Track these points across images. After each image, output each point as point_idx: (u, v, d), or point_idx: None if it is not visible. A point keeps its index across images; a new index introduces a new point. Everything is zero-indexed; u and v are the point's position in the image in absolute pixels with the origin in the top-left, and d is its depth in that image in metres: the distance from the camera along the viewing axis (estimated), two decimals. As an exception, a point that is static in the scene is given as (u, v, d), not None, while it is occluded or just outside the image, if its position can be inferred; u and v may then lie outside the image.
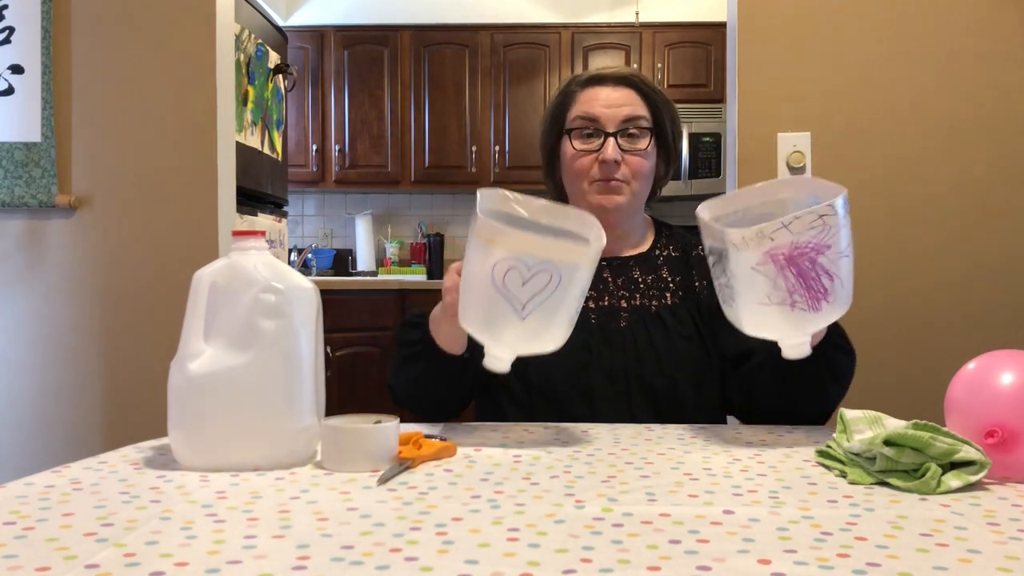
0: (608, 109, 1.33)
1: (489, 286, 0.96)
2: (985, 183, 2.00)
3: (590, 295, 1.33)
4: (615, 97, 1.34)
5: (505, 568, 0.59)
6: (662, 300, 1.34)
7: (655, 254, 1.40)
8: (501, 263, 0.95)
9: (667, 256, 1.40)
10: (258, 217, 2.70)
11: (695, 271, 1.38)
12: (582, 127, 1.33)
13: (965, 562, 0.61)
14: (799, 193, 1.08)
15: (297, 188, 4.43)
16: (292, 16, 4.57)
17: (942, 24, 2.00)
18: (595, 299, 1.33)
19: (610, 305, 1.33)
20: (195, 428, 0.90)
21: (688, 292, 1.35)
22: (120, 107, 2.09)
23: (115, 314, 2.10)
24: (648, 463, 0.93)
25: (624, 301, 1.34)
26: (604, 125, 1.32)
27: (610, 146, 1.31)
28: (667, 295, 1.35)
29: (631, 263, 1.38)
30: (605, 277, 1.36)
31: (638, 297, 1.34)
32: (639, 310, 1.32)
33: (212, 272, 0.92)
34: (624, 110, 1.33)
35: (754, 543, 0.65)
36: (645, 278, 1.36)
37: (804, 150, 2.01)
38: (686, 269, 1.38)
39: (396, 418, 0.93)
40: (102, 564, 0.60)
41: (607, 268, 1.36)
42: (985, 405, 0.86)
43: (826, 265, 0.97)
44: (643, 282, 1.36)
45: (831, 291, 0.97)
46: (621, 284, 1.35)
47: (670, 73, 4.37)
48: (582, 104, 1.35)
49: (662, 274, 1.37)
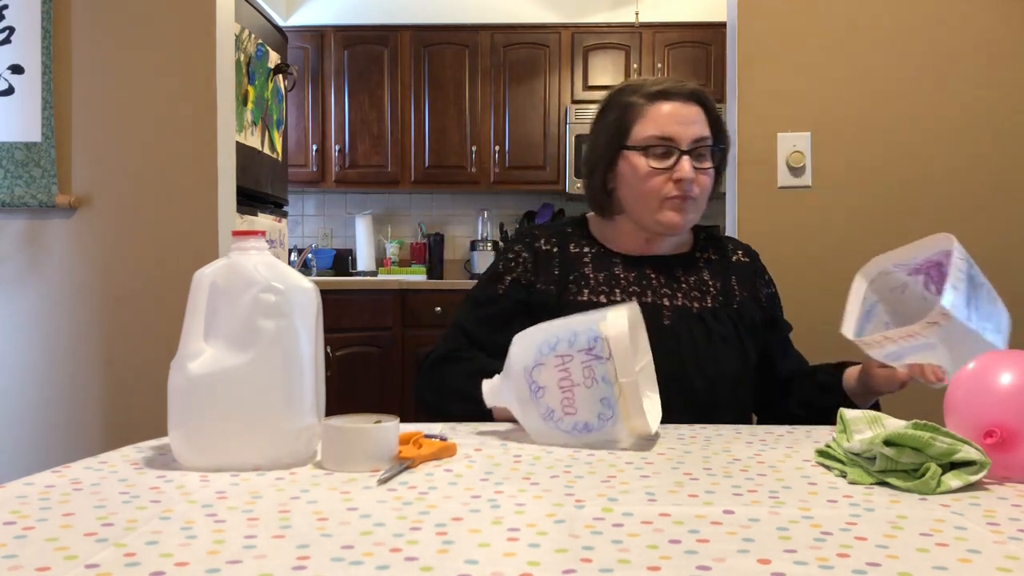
0: (681, 127, 1.32)
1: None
2: (985, 183, 2.00)
3: (633, 290, 1.35)
4: (685, 114, 1.34)
5: (505, 568, 0.59)
6: (703, 303, 1.35)
7: (696, 256, 1.41)
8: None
9: (707, 259, 1.41)
10: (258, 217, 2.70)
11: (735, 278, 1.40)
12: (655, 145, 1.32)
13: (965, 562, 0.61)
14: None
15: (297, 188, 4.43)
16: (292, 16, 4.57)
17: (942, 24, 2.00)
18: (639, 295, 1.34)
19: (654, 302, 1.34)
20: (195, 428, 0.90)
21: (728, 298, 1.37)
22: (120, 107, 2.09)
23: (115, 314, 2.09)
24: (648, 463, 0.93)
25: (667, 299, 1.34)
26: (678, 143, 1.32)
27: (686, 165, 1.31)
28: (708, 298, 1.36)
29: (674, 263, 1.39)
30: (649, 274, 1.36)
31: (680, 297, 1.35)
32: (681, 310, 1.33)
33: (212, 272, 0.92)
34: (695, 128, 1.33)
35: (754, 543, 0.65)
36: (687, 279, 1.37)
37: (804, 150, 2.01)
38: (726, 275, 1.40)
39: (396, 418, 0.93)
40: (102, 564, 0.60)
41: (651, 265, 1.37)
42: (984, 405, 0.86)
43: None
44: (685, 282, 1.37)
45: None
46: (664, 283, 1.36)
47: (670, 73, 4.37)
48: (654, 121, 1.33)
49: (703, 276, 1.38)
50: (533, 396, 1.00)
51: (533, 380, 1.00)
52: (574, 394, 0.98)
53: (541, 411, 1.00)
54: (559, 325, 1.04)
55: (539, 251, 1.39)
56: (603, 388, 0.97)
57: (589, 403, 0.97)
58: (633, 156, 1.34)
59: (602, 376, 0.97)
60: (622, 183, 1.37)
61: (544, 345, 1.01)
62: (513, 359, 1.04)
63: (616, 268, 1.37)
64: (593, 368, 0.97)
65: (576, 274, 1.37)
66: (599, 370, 0.97)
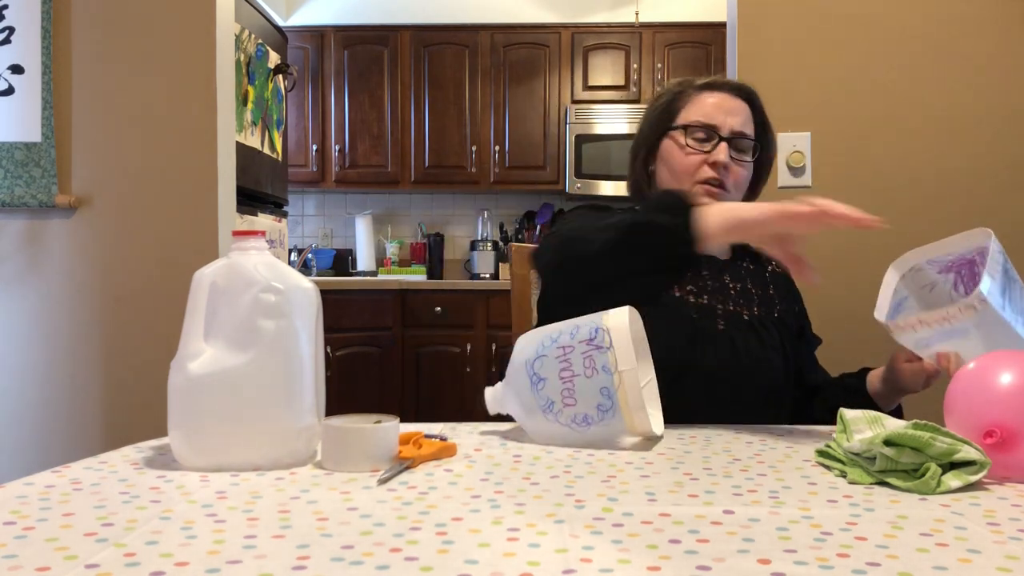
0: (724, 116, 1.35)
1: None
2: (986, 182, 2.00)
3: (690, 289, 1.34)
4: (732, 105, 1.37)
5: (505, 568, 0.59)
6: (751, 309, 1.35)
7: (738, 263, 1.42)
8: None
9: (747, 268, 1.42)
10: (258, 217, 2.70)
11: (772, 287, 1.41)
12: (697, 127, 1.35)
13: (965, 562, 0.61)
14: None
15: (297, 188, 4.43)
16: (292, 16, 4.57)
17: (942, 24, 2.00)
18: (695, 295, 1.33)
19: (709, 304, 1.33)
20: (195, 428, 0.89)
21: (769, 307, 1.38)
22: (120, 107, 2.09)
23: (115, 314, 2.10)
24: (648, 463, 0.93)
25: (719, 304, 1.34)
26: (719, 129, 1.34)
27: (723, 150, 1.33)
28: (754, 306, 1.36)
29: (722, 267, 1.39)
30: (704, 275, 1.36)
31: (730, 302, 1.35)
32: (732, 315, 1.33)
33: (212, 272, 0.92)
34: (739, 119, 1.36)
35: (754, 543, 0.65)
36: (735, 285, 1.38)
37: (804, 150, 2.01)
38: (765, 285, 1.41)
39: (396, 418, 0.93)
40: (102, 564, 0.60)
41: (706, 266, 1.37)
42: (984, 405, 0.86)
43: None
44: (733, 288, 1.37)
45: None
46: (716, 287, 1.36)
47: (670, 73, 4.37)
48: (699, 106, 1.37)
49: (747, 285, 1.39)
50: (533, 388, 1.01)
51: (534, 372, 1.01)
52: (574, 384, 0.98)
53: (541, 403, 1.00)
54: (562, 322, 1.05)
55: None
56: (603, 378, 0.97)
57: (589, 393, 0.98)
58: (675, 136, 1.38)
59: (602, 365, 0.97)
60: (661, 163, 1.40)
61: (546, 339, 1.02)
62: (515, 355, 1.05)
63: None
64: (594, 358, 0.98)
65: None
66: (599, 360, 0.97)
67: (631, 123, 4.31)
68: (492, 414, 1.08)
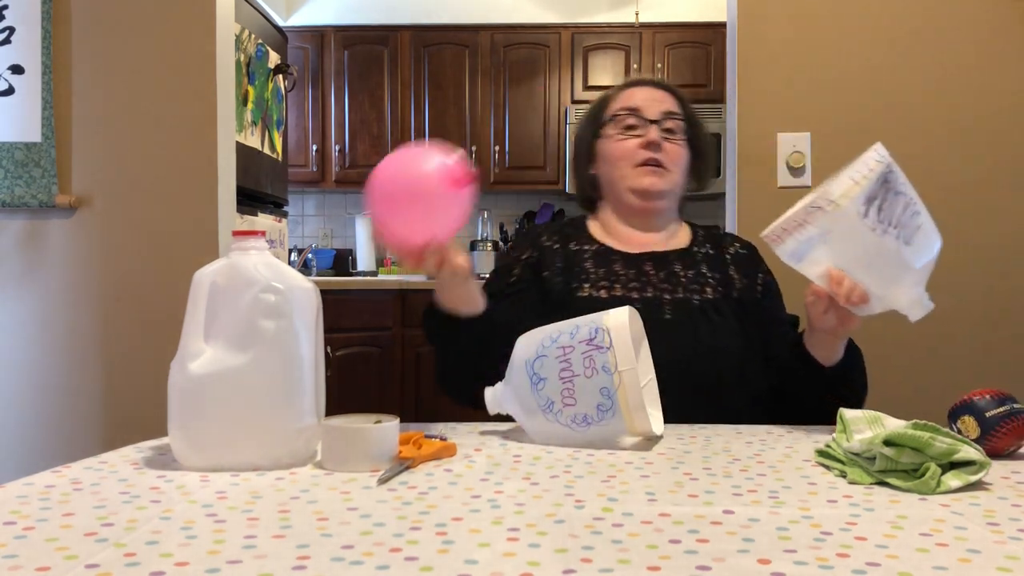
0: (648, 102, 1.42)
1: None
2: (985, 183, 2.00)
3: (632, 285, 1.36)
4: (656, 95, 1.44)
5: (505, 568, 0.59)
6: (703, 294, 1.36)
7: (693, 250, 1.43)
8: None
9: (704, 253, 1.43)
10: (258, 217, 2.70)
11: (732, 267, 1.41)
12: (624, 116, 1.41)
13: (965, 562, 0.61)
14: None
15: (297, 188, 4.43)
16: (292, 16, 4.57)
17: (942, 24, 2.00)
18: (638, 290, 1.35)
19: (654, 296, 1.34)
20: (195, 428, 0.90)
21: (727, 287, 1.38)
22: (120, 107, 2.09)
23: (115, 314, 2.10)
24: (648, 463, 0.93)
25: (667, 294, 1.35)
26: (645, 114, 1.41)
27: (653, 131, 1.39)
28: (707, 289, 1.37)
29: (671, 257, 1.41)
30: (647, 270, 1.38)
31: (680, 290, 1.36)
32: (681, 303, 1.34)
33: (212, 272, 0.92)
34: (664, 104, 1.42)
35: (754, 543, 0.65)
36: (686, 272, 1.39)
37: (804, 150, 2.01)
38: (724, 266, 1.41)
39: (396, 418, 0.93)
40: (102, 564, 0.60)
41: (649, 261, 1.39)
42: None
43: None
44: (684, 276, 1.38)
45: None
46: (663, 277, 1.37)
47: (670, 73, 4.37)
48: (622, 100, 1.44)
49: (701, 270, 1.40)
50: (533, 388, 1.01)
51: (535, 372, 1.01)
52: (574, 384, 0.98)
53: (541, 403, 1.00)
54: (562, 322, 1.06)
55: (544, 247, 1.43)
56: (603, 378, 0.97)
57: (589, 393, 0.98)
58: (607, 132, 1.44)
59: (602, 365, 0.97)
60: (601, 162, 1.46)
61: (547, 339, 1.03)
62: (515, 355, 1.05)
63: (616, 265, 1.39)
64: (594, 358, 0.98)
65: (577, 268, 1.39)
66: (599, 359, 0.98)
67: (631, 123, 4.31)
68: (492, 414, 1.08)
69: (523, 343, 1.06)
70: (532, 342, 1.04)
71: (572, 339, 1.00)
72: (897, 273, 1.04)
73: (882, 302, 1.06)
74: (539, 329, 1.07)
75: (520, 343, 1.06)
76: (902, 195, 1.04)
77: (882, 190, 1.02)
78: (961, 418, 0.95)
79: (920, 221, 1.05)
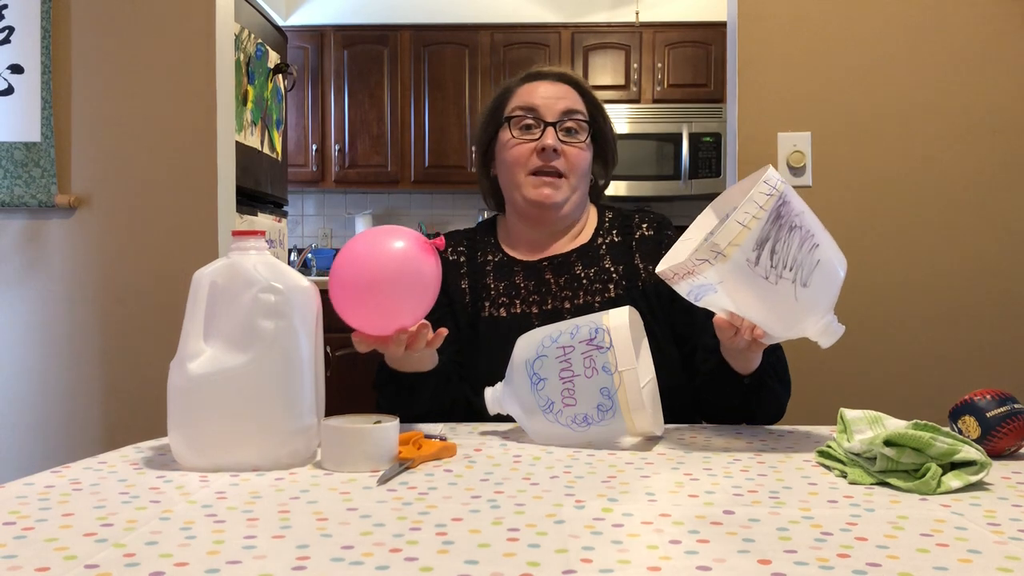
0: (547, 100, 1.34)
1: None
2: (985, 182, 2.00)
3: (533, 299, 1.32)
4: (554, 91, 1.35)
5: (505, 568, 0.59)
6: (605, 294, 1.31)
7: (596, 243, 1.37)
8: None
9: (609, 243, 1.37)
10: (258, 217, 2.70)
11: (639, 254, 1.35)
12: (521, 116, 1.34)
13: (965, 562, 0.61)
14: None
15: (297, 188, 4.43)
16: (292, 16, 4.57)
17: (942, 24, 2.00)
18: (538, 303, 1.31)
19: (554, 308, 1.30)
20: (195, 428, 0.89)
21: (632, 279, 1.32)
22: (120, 107, 2.09)
23: (115, 314, 2.09)
24: (648, 463, 0.93)
25: (568, 302, 1.31)
26: (543, 115, 1.33)
27: (549, 135, 1.31)
28: (610, 287, 1.31)
29: (572, 258, 1.35)
30: (547, 279, 1.33)
31: (582, 295, 1.31)
32: (583, 309, 1.29)
33: (212, 272, 0.92)
34: (563, 103, 1.34)
35: (754, 543, 0.65)
36: (587, 272, 1.33)
37: (804, 150, 2.01)
38: (629, 255, 1.35)
39: (396, 418, 0.93)
40: (102, 564, 0.60)
41: (548, 269, 1.34)
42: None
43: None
44: (585, 277, 1.33)
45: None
46: (564, 284, 1.33)
47: (670, 73, 4.37)
48: (521, 97, 1.36)
49: (604, 264, 1.34)
50: (533, 388, 1.01)
51: (535, 372, 1.01)
52: (574, 384, 0.98)
53: (541, 403, 1.00)
54: (563, 322, 1.06)
55: (447, 262, 1.36)
56: (603, 378, 0.97)
57: (589, 393, 0.98)
58: (503, 132, 1.36)
59: (602, 365, 0.97)
60: (499, 164, 1.38)
61: (547, 339, 1.03)
62: (516, 355, 1.05)
63: (516, 277, 1.34)
64: (594, 358, 0.98)
65: (480, 285, 1.35)
66: (599, 360, 0.98)
67: (631, 123, 4.31)
68: (492, 414, 1.08)
69: (523, 343, 1.06)
70: (532, 342, 1.04)
71: (572, 339, 1.00)
72: (798, 315, 0.97)
73: (788, 335, 1.00)
74: (539, 329, 1.07)
75: (520, 343, 1.06)
76: (797, 229, 0.93)
77: (774, 229, 0.91)
78: (962, 418, 0.95)
79: (819, 255, 0.94)
